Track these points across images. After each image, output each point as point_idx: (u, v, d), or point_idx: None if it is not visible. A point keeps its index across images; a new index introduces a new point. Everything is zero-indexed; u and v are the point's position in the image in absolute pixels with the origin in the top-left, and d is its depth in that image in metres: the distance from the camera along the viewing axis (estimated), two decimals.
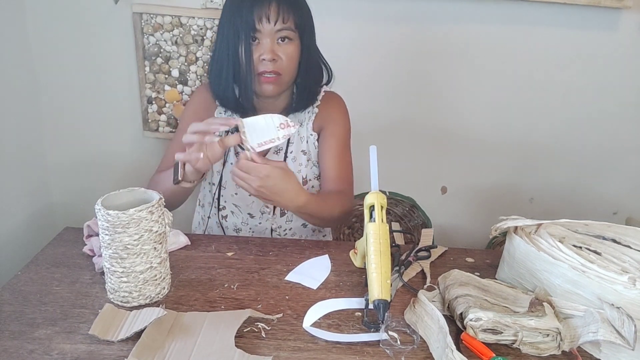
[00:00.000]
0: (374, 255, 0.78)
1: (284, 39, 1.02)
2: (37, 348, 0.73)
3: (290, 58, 1.04)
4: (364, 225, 0.84)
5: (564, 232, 0.95)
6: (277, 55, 1.02)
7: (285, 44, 1.03)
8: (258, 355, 0.72)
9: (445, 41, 1.48)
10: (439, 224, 1.69)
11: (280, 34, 1.02)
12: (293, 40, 1.04)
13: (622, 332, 0.71)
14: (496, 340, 0.75)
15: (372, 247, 0.78)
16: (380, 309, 0.75)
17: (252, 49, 1.02)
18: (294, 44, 1.04)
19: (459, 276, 0.87)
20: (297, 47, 1.05)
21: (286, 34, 1.02)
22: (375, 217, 0.81)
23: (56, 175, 1.62)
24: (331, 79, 1.16)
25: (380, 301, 0.75)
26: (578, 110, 1.55)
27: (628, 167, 1.62)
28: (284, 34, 1.02)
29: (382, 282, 0.76)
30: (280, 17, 1.00)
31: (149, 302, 0.84)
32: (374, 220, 0.81)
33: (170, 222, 0.86)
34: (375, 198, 0.82)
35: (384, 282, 0.76)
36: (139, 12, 1.42)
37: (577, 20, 1.44)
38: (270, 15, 0.99)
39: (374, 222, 0.81)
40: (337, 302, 0.86)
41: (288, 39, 1.03)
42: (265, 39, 1.01)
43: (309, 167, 1.17)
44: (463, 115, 1.57)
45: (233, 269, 0.95)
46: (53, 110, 1.55)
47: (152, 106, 1.53)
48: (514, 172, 1.64)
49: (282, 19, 1.00)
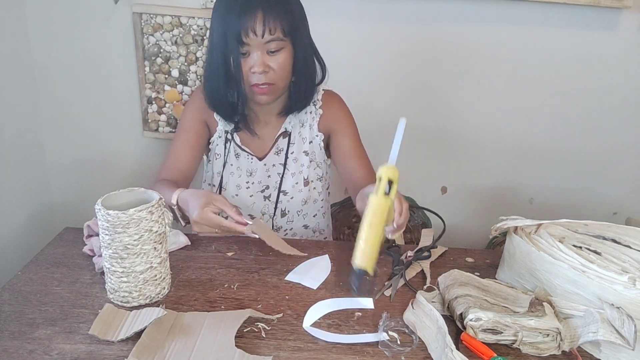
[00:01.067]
0: (366, 226, 0.78)
1: (274, 51, 1.00)
2: (37, 348, 0.73)
3: (282, 67, 1.02)
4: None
5: (564, 232, 0.95)
6: (268, 67, 1.00)
7: (275, 54, 1.00)
8: (258, 355, 0.72)
9: (445, 41, 1.48)
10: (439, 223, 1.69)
11: (269, 46, 0.99)
12: (284, 48, 1.01)
13: (622, 332, 0.71)
14: (496, 340, 0.75)
15: (366, 218, 0.79)
16: (355, 276, 0.76)
17: (243, 62, 1.00)
18: (286, 50, 1.01)
19: (458, 276, 0.87)
20: (289, 53, 1.02)
21: (275, 45, 0.99)
22: (379, 190, 0.80)
23: (56, 175, 1.62)
24: (325, 76, 1.13)
25: (359, 270, 0.76)
26: (578, 110, 1.55)
27: (628, 167, 1.62)
28: (274, 45, 0.99)
29: (365, 252, 0.77)
30: (267, 28, 0.96)
31: (149, 302, 0.84)
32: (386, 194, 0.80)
33: (170, 222, 0.86)
34: (385, 171, 0.80)
35: (368, 253, 0.77)
36: (139, 12, 1.42)
37: (577, 20, 1.44)
38: (256, 29, 0.96)
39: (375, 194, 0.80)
40: (337, 301, 0.86)
41: (278, 48, 1.00)
42: (255, 52, 0.99)
43: (312, 168, 1.17)
44: (463, 116, 1.57)
45: (233, 269, 0.95)
46: (53, 110, 1.55)
47: (152, 106, 1.53)
48: (514, 172, 1.64)
49: (269, 31, 0.97)
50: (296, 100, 1.10)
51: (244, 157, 1.16)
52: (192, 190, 0.99)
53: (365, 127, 1.21)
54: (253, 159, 1.16)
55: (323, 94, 1.16)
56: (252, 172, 1.16)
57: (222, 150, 1.16)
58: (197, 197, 0.94)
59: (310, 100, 1.13)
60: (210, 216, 0.91)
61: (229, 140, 1.15)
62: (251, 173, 1.16)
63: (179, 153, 1.15)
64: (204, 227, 0.92)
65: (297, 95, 1.10)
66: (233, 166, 1.16)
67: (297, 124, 1.15)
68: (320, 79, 1.13)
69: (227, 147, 1.15)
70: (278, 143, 1.16)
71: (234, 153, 1.16)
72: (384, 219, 0.79)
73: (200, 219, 0.91)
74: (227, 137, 1.15)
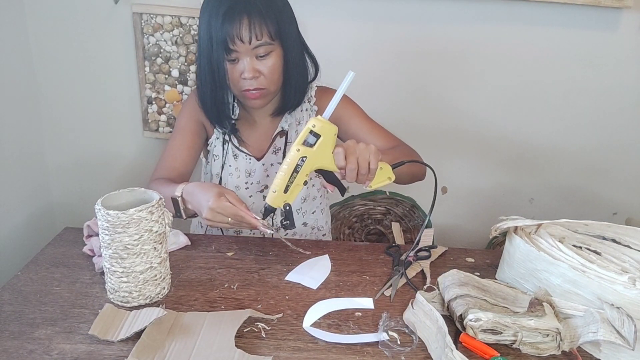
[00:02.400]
0: (278, 171, 0.87)
1: (263, 55, 0.99)
2: (37, 348, 0.73)
3: (272, 71, 1.01)
4: None
5: (564, 232, 0.95)
6: (258, 72, 0.99)
7: (265, 58, 0.99)
8: (258, 355, 0.72)
9: (445, 41, 1.48)
10: (439, 224, 1.69)
11: (258, 50, 0.97)
12: (273, 51, 1.00)
13: (622, 332, 0.71)
14: (496, 341, 0.75)
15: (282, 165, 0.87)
16: (266, 211, 0.90)
17: (232, 68, 0.99)
18: (275, 54, 1.00)
19: (458, 276, 0.87)
20: (279, 56, 1.01)
21: (264, 49, 0.98)
22: (296, 140, 0.86)
23: (56, 175, 1.62)
24: (318, 73, 1.12)
25: (268, 206, 0.89)
26: (578, 110, 1.55)
27: (628, 167, 1.61)
28: (262, 50, 0.98)
29: (270, 191, 0.88)
30: (254, 34, 0.95)
31: (149, 302, 0.84)
32: (307, 144, 0.86)
33: (170, 222, 0.86)
34: (310, 122, 0.85)
35: (271, 192, 0.88)
36: (139, 12, 1.42)
37: (577, 20, 1.44)
38: (242, 35, 0.94)
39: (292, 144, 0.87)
40: (337, 301, 0.86)
41: (267, 52, 0.99)
42: (244, 58, 0.98)
43: None
44: (463, 116, 1.57)
45: (233, 269, 0.95)
46: (53, 110, 1.55)
47: (152, 106, 1.53)
48: (514, 172, 1.64)
49: (255, 36, 0.95)
50: (289, 99, 1.10)
51: (242, 157, 1.16)
52: (199, 183, 0.99)
53: None
54: (251, 159, 1.16)
55: (317, 90, 1.16)
56: (251, 172, 1.16)
57: (221, 152, 1.16)
58: (208, 188, 0.94)
59: (303, 98, 1.13)
60: (226, 204, 0.91)
61: (227, 141, 1.15)
62: (250, 173, 1.16)
63: (175, 153, 1.14)
64: (218, 216, 0.91)
65: (290, 95, 1.09)
66: (232, 167, 1.16)
67: (293, 123, 1.15)
68: (312, 76, 1.12)
69: (224, 148, 1.15)
70: (275, 142, 1.16)
71: (232, 154, 1.15)
72: (292, 165, 0.86)
73: (217, 206, 0.90)
74: (225, 138, 1.15)
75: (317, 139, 0.85)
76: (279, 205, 0.88)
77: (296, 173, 0.86)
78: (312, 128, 0.85)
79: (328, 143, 0.86)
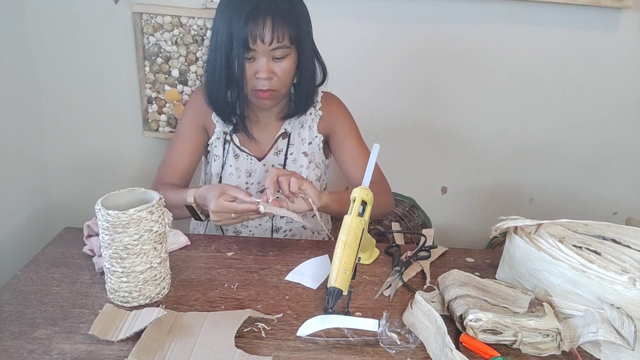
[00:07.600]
0: (340, 246, 0.81)
1: (279, 57, 1.00)
2: (37, 348, 0.73)
3: (286, 74, 1.02)
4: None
5: (564, 232, 0.95)
6: (272, 73, 1.00)
7: (280, 60, 1.00)
8: (258, 355, 0.72)
9: (445, 41, 1.48)
10: (439, 224, 1.69)
11: (275, 52, 0.98)
12: (289, 55, 1.01)
13: (622, 332, 0.71)
14: (496, 341, 0.75)
15: (341, 237, 0.82)
16: (331, 295, 0.78)
17: (247, 66, 1.00)
18: (291, 57, 1.01)
19: (458, 276, 0.87)
20: (294, 60, 1.02)
21: (281, 52, 0.99)
22: (353, 211, 0.84)
23: (56, 175, 1.62)
24: (326, 78, 1.13)
25: (334, 288, 0.78)
26: (578, 110, 1.55)
27: (628, 167, 1.62)
28: (279, 52, 0.99)
29: (339, 271, 0.79)
30: (276, 36, 0.96)
31: (149, 302, 0.84)
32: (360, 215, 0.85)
33: (170, 222, 0.86)
34: (359, 193, 0.86)
35: (341, 272, 0.79)
36: (139, 12, 1.42)
37: (577, 20, 1.44)
38: (264, 36, 0.95)
39: (349, 215, 0.84)
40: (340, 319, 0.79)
41: (284, 55, 1.00)
42: (261, 58, 0.99)
43: (311, 169, 1.17)
44: (463, 115, 1.57)
45: (233, 269, 0.95)
46: (53, 110, 1.55)
47: (152, 106, 1.53)
48: (514, 172, 1.64)
49: (277, 38, 0.96)
50: (297, 104, 1.11)
51: (243, 157, 1.16)
52: (207, 187, 1.01)
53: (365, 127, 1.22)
54: (252, 159, 1.16)
55: (322, 95, 1.17)
56: (252, 172, 1.17)
57: (221, 152, 1.16)
58: (212, 190, 0.97)
59: (311, 104, 1.14)
60: (225, 204, 0.93)
61: (228, 141, 1.15)
62: (250, 174, 1.17)
63: (176, 159, 1.16)
64: (222, 215, 0.94)
65: (299, 100, 1.10)
66: (232, 167, 1.16)
67: (296, 125, 1.16)
68: (320, 81, 1.13)
69: (225, 149, 1.15)
70: (277, 144, 1.16)
71: (233, 154, 1.16)
72: (358, 239, 0.82)
73: (218, 207, 0.93)
74: (226, 139, 1.15)
75: (364, 208, 0.86)
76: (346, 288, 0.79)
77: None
78: (365, 198, 0.85)
79: (368, 212, 0.87)
